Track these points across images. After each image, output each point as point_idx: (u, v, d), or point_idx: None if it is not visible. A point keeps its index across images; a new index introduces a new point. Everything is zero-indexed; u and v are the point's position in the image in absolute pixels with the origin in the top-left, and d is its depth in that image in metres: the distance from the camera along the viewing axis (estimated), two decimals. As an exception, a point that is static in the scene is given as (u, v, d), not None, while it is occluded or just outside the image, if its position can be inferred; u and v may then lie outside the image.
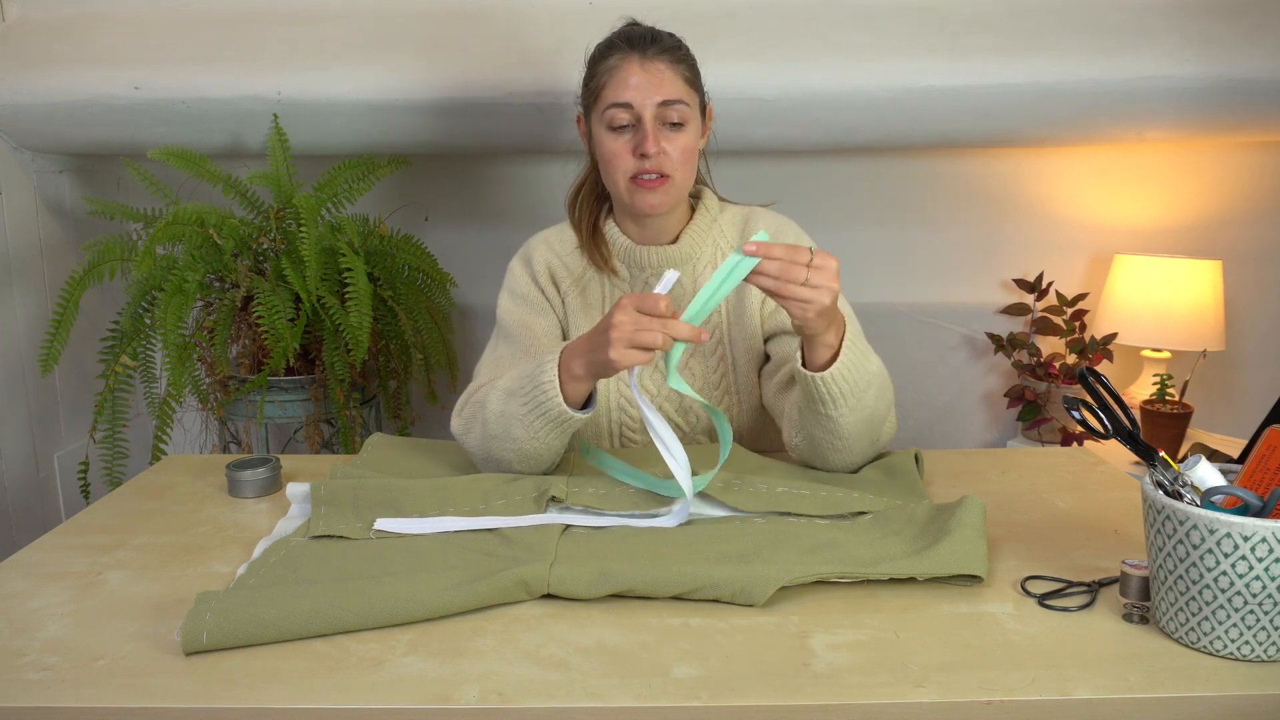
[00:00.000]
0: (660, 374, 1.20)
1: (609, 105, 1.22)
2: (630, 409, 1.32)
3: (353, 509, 1.04)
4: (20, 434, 2.01)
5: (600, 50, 1.27)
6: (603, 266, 1.33)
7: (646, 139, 1.21)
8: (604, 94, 1.23)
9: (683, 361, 1.31)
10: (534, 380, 1.11)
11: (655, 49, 1.23)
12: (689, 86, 1.25)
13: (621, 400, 1.32)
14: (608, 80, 1.23)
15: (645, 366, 1.27)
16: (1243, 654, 0.76)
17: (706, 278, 1.31)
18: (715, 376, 1.32)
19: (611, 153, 1.24)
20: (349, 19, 1.90)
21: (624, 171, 1.24)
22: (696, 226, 1.33)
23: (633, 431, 1.33)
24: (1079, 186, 2.20)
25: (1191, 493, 0.80)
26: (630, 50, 1.23)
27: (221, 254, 1.76)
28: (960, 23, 1.86)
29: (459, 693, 0.72)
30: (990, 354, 2.25)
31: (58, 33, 1.92)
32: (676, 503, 1.05)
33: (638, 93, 1.21)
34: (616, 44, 1.25)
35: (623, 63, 1.22)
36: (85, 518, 1.09)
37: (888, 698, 0.72)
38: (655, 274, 1.32)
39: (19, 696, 0.73)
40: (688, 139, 1.24)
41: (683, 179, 1.25)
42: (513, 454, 1.14)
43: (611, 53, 1.24)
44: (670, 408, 1.32)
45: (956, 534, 0.91)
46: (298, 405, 1.84)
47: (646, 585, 0.86)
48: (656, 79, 1.21)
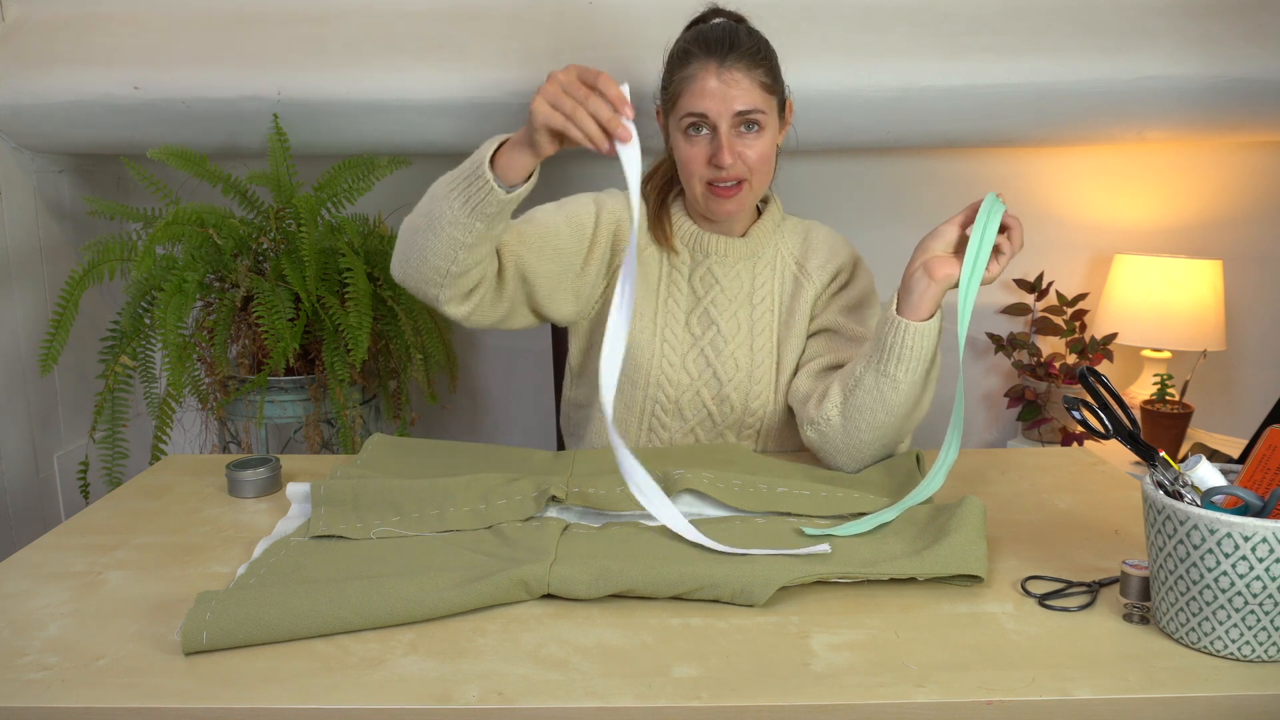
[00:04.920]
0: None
1: (685, 114, 1.23)
2: (667, 388, 1.30)
3: (353, 509, 1.04)
4: (20, 434, 2.01)
5: (678, 54, 1.26)
6: (664, 243, 1.33)
7: (722, 150, 1.21)
8: (680, 102, 1.23)
9: (730, 357, 1.31)
10: (476, 152, 1.05)
11: (733, 56, 1.21)
12: (766, 92, 1.24)
13: (661, 377, 1.30)
14: (683, 89, 1.23)
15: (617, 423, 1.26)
16: (1243, 654, 0.76)
17: (765, 278, 1.33)
18: (760, 371, 1.32)
19: (688, 158, 1.25)
20: (349, 19, 1.90)
21: (699, 177, 1.25)
22: (764, 225, 1.35)
23: (664, 413, 1.31)
24: (1079, 186, 2.20)
25: (1192, 493, 0.80)
26: (707, 58, 1.21)
27: (221, 254, 1.76)
28: (960, 23, 1.86)
29: (459, 693, 0.72)
30: (990, 354, 2.25)
31: (58, 33, 1.91)
32: (680, 503, 1.05)
33: (714, 103, 1.21)
34: (694, 51, 1.23)
35: (700, 72, 1.21)
36: (85, 518, 1.09)
37: (888, 698, 0.72)
38: (718, 260, 1.32)
39: (19, 696, 0.73)
40: (764, 143, 1.24)
41: (759, 183, 1.27)
42: (425, 224, 1.08)
43: (689, 60, 1.23)
44: (708, 393, 1.31)
45: (956, 534, 0.92)
46: (298, 405, 1.84)
47: (646, 585, 0.86)
48: (733, 89, 1.20)
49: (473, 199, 1.04)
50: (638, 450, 1.26)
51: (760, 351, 1.32)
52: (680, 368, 1.29)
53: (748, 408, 1.31)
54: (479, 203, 1.04)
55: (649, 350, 1.30)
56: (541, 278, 1.23)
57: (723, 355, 1.31)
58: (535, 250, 1.22)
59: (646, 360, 1.29)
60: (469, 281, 1.13)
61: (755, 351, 1.32)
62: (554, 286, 1.25)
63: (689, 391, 1.30)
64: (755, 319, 1.33)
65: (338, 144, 1.96)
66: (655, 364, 1.30)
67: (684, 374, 1.29)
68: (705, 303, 1.32)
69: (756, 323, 1.32)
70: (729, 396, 1.31)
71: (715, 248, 1.33)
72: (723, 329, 1.32)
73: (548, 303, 1.25)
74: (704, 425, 1.32)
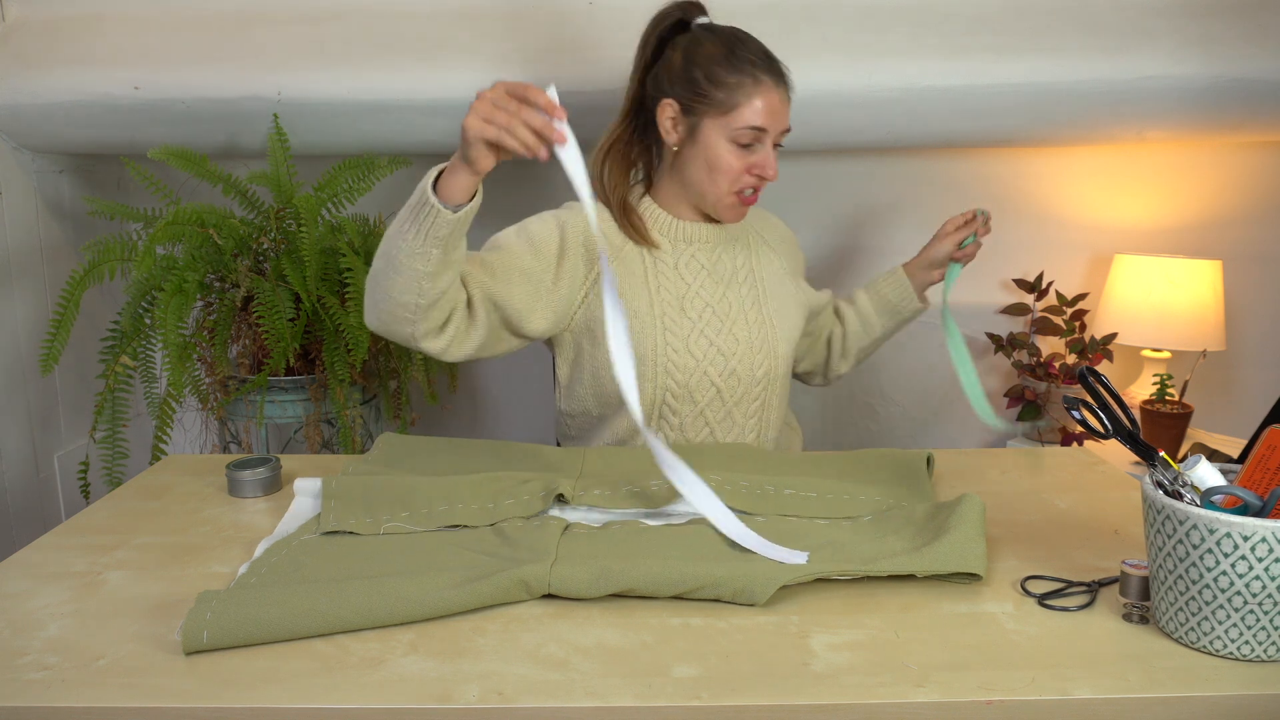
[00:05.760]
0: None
1: (745, 125, 1.28)
2: (675, 373, 1.33)
3: (363, 504, 1.04)
4: (20, 434, 2.01)
5: (730, 62, 1.29)
6: (641, 240, 1.36)
7: (770, 164, 1.31)
8: (741, 114, 1.28)
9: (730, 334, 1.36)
10: (419, 184, 1.10)
11: (784, 78, 1.32)
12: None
13: (668, 364, 1.33)
14: (746, 101, 1.28)
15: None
16: (1242, 654, 0.76)
17: (744, 256, 1.43)
18: (758, 342, 1.38)
19: (730, 165, 1.31)
20: (349, 19, 1.90)
21: (732, 183, 1.32)
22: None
23: (675, 399, 1.34)
24: (1079, 186, 2.20)
25: (1191, 493, 0.80)
26: (768, 75, 1.29)
27: (221, 254, 1.76)
28: (960, 23, 1.86)
29: (459, 692, 0.72)
30: (990, 354, 2.25)
31: (58, 33, 1.91)
32: (681, 504, 1.05)
33: (773, 121, 1.30)
34: (754, 66, 1.29)
35: (766, 90, 1.29)
36: (85, 518, 1.09)
37: (888, 698, 0.72)
38: (701, 246, 1.39)
39: (19, 696, 0.73)
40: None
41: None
42: (384, 265, 1.13)
43: (748, 73, 1.28)
44: (714, 371, 1.35)
45: (956, 531, 0.92)
46: (298, 405, 1.84)
47: (646, 585, 0.86)
48: (786, 110, 1.32)
49: (424, 226, 1.08)
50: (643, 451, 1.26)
51: (753, 324, 1.38)
52: (685, 352, 1.33)
53: (753, 377, 1.37)
54: (430, 228, 1.08)
55: (651, 341, 1.32)
56: (513, 300, 1.26)
57: (723, 333, 1.35)
58: (502, 276, 1.26)
59: (650, 352, 1.32)
60: (440, 314, 1.17)
61: (750, 325, 1.38)
62: (527, 307, 1.28)
63: (696, 374, 1.33)
64: (744, 294, 1.40)
65: (338, 144, 1.96)
66: (660, 353, 1.32)
67: (689, 357, 1.33)
68: (695, 286, 1.37)
69: (745, 297, 1.40)
70: (734, 370, 1.35)
71: (698, 235, 1.39)
72: (717, 309, 1.36)
73: (524, 323, 1.28)
74: (713, 406, 1.36)
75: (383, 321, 1.18)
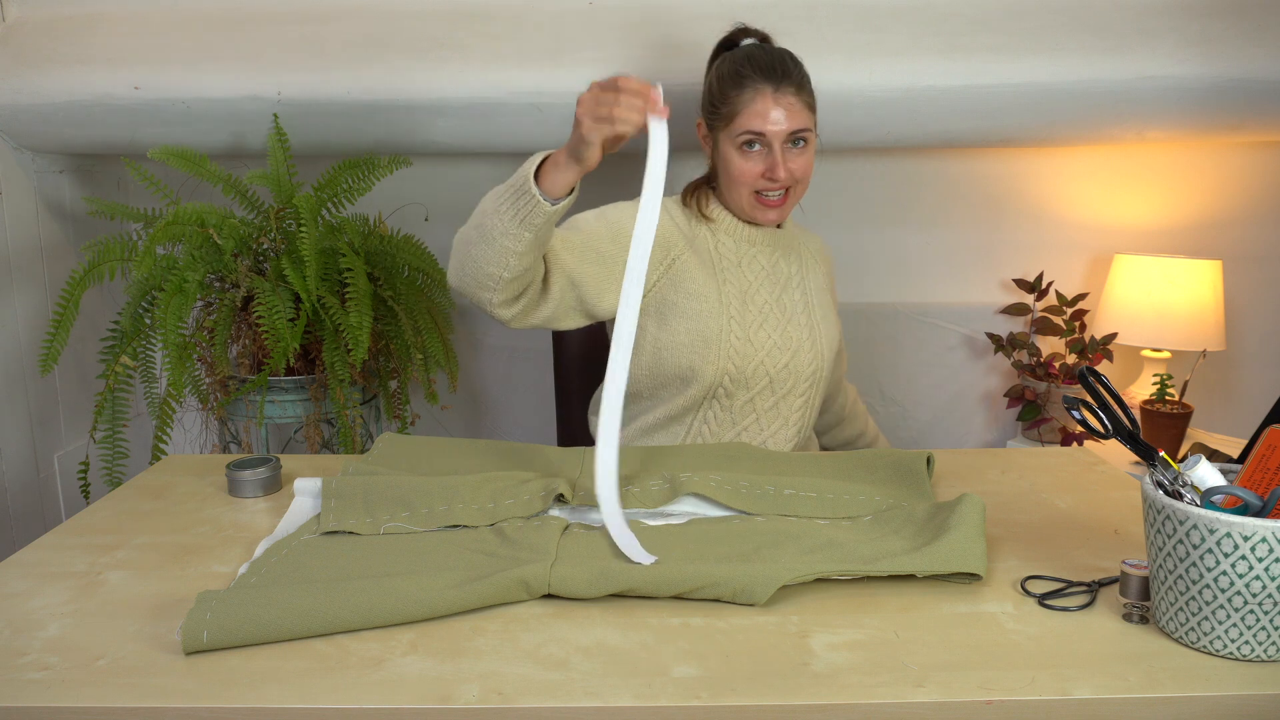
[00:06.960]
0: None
1: (741, 131, 1.34)
2: (736, 358, 1.39)
3: (363, 504, 1.04)
4: (20, 434, 2.01)
5: (731, 74, 1.36)
6: (710, 232, 1.44)
7: (777, 166, 1.34)
8: (738, 121, 1.34)
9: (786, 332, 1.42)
10: (521, 168, 1.13)
11: (786, 82, 1.34)
12: (810, 111, 1.37)
13: (731, 350, 1.39)
14: (741, 109, 1.34)
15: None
16: (1243, 654, 0.76)
17: (797, 263, 1.49)
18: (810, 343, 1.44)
19: (740, 170, 1.37)
20: (349, 19, 1.90)
21: (750, 187, 1.38)
22: (793, 219, 1.53)
23: (731, 382, 1.40)
24: (1079, 186, 2.20)
25: (1191, 493, 0.80)
26: (764, 82, 1.33)
27: (221, 254, 1.76)
28: (960, 23, 1.86)
29: (459, 692, 0.72)
30: (990, 354, 2.25)
31: (58, 33, 1.91)
32: (681, 504, 1.05)
33: (772, 125, 1.33)
34: (750, 74, 1.34)
35: (758, 96, 1.33)
36: (85, 518, 1.09)
37: (888, 698, 0.72)
38: (762, 249, 1.45)
39: (19, 696, 0.73)
40: (808, 156, 1.39)
41: (802, 190, 1.41)
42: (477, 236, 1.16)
43: (745, 83, 1.34)
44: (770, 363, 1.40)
45: (956, 531, 0.92)
46: (298, 405, 1.84)
47: (646, 585, 0.86)
48: (787, 112, 1.33)
49: (521, 212, 1.12)
50: (644, 450, 1.26)
51: (804, 327, 1.45)
52: (746, 340, 1.39)
53: (803, 374, 1.43)
54: (527, 215, 1.12)
55: (718, 325, 1.38)
56: (588, 279, 1.31)
57: (780, 329, 1.42)
58: (579, 255, 1.31)
59: (717, 335, 1.37)
60: (519, 285, 1.21)
61: (801, 327, 1.44)
62: (600, 287, 1.33)
63: (754, 361, 1.39)
64: (796, 299, 1.46)
65: (338, 144, 1.96)
66: (725, 338, 1.38)
67: (749, 345, 1.39)
68: (756, 284, 1.43)
69: (797, 302, 1.46)
70: (788, 364, 1.42)
71: (759, 238, 1.45)
72: (774, 307, 1.43)
73: (597, 301, 1.33)
74: (763, 395, 1.41)
75: (464, 284, 1.22)
